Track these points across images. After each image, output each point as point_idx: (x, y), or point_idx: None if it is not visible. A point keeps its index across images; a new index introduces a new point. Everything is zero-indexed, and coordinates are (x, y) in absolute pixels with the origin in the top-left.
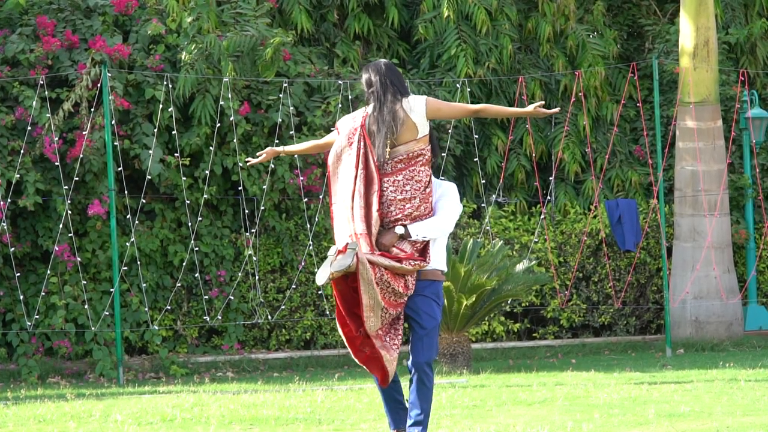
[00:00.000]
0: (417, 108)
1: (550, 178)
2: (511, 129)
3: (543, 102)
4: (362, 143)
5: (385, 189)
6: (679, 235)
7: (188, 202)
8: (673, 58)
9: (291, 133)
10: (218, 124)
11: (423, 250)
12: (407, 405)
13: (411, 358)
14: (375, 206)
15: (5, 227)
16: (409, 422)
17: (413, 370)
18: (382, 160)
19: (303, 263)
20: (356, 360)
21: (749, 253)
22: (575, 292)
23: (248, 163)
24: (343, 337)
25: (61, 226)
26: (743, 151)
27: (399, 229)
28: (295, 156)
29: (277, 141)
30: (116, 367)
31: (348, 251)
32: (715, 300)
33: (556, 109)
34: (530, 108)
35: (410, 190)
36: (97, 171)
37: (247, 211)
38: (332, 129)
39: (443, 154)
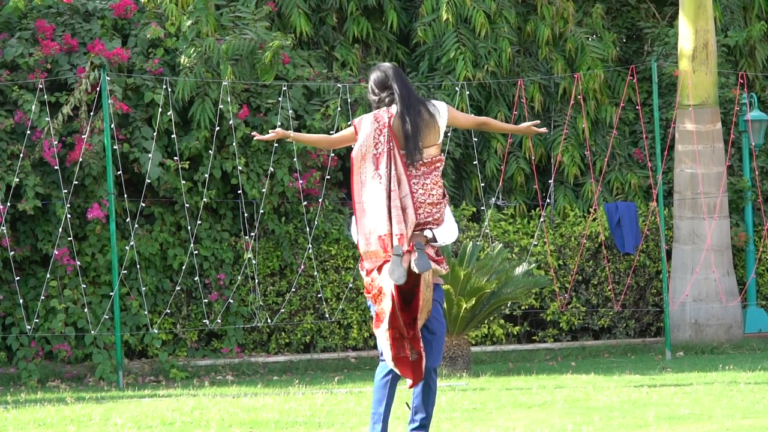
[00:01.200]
0: (442, 113)
1: (550, 181)
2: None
3: (538, 122)
4: (391, 144)
5: (415, 191)
6: (679, 237)
7: (188, 205)
8: (672, 61)
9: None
10: (217, 128)
11: (437, 254)
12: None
13: None
14: (411, 209)
15: (5, 231)
16: (413, 425)
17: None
18: (417, 160)
19: (302, 266)
20: (394, 365)
21: (749, 256)
22: (575, 295)
23: (255, 138)
24: (387, 340)
25: (60, 229)
26: (742, 153)
27: (428, 233)
28: (295, 159)
29: (276, 144)
30: (116, 371)
31: (420, 252)
32: (714, 303)
33: (544, 130)
34: (524, 126)
35: (436, 194)
36: (97, 175)
37: (246, 215)
38: (330, 132)
39: (442, 156)
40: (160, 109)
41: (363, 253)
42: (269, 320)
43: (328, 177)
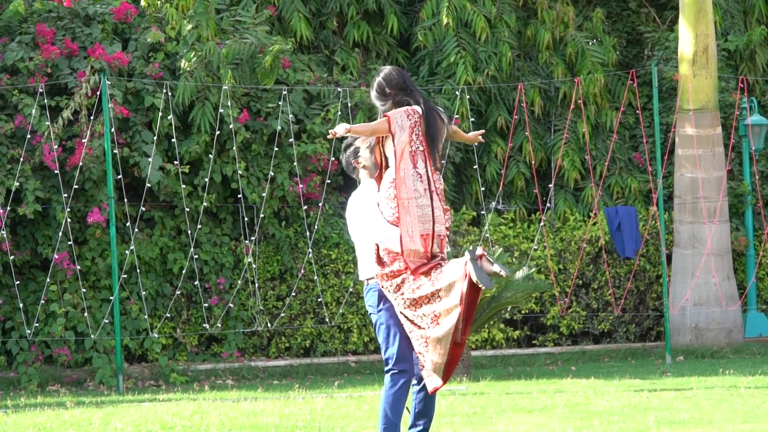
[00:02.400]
0: (449, 123)
1: (550, 186)
2: (511, 136)
3: (483, 132)
4: (424, 144)
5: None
6: (679, 242)
7: (188, 209)
8: (672, 65)
9: (290, 140)
10: (218, 132)
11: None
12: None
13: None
14: (441, 210)
15: (5, 235)
16: (417, 429)
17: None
18: (438, 164)
19: (302, 271)
20: (437, 372)
21: (749, 260)
22: (575, 300)
23: (329, 137)
24: (449, 345)
25: (60, 234)
26: (743, 158)
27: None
28: (295, 164)
29: (276, 149)
30: (116, 375)
31: (485, 259)
32: (714, 307)
33: (482, 132)
34: (471, 135)
35: (443, 199)
36: (97, 179)
37: (246, 219)
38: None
39: (443, 161)
40: (160, 113)
41: (403, 251)
42: (269, 324)
43: (329, 181)
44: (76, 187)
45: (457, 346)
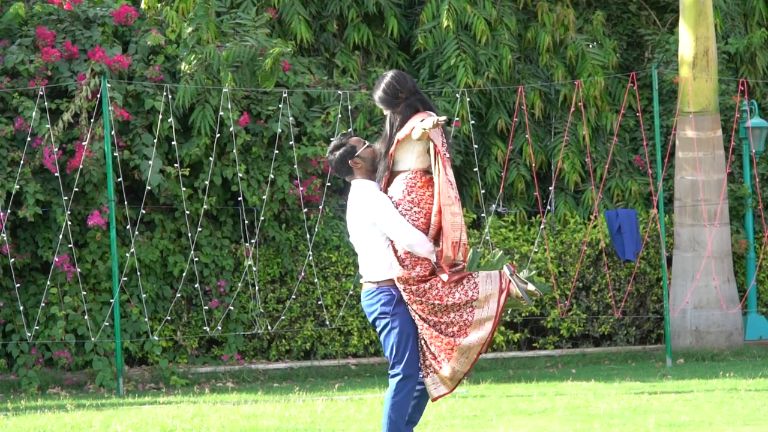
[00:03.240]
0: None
1: (550, 188)
2: (511, 139)
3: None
4: (448, 151)
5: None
6: (679, 244)
7: (188, 212)
8: (672, 68)
9: (291, 143)
10: (218, 135)
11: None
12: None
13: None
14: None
15: (5, 238)
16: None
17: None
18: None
19: (303, 273)
20: (453, 381)
21: (749, 263)
22: (575, 302)
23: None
24: (475, 355)
25: (60, 236)
26: (743, 160)
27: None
28: (295, 166)
29: (276, 152)
30: (116, 378)
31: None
32: (715, 310)
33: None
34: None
35: None
36: (97, 182)
37: (246, 222)
38: (331, 138)
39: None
40: (160, 116)
41: (443, 258)
42: (269, 327)
43: (329, 184)
44: (77, 189)
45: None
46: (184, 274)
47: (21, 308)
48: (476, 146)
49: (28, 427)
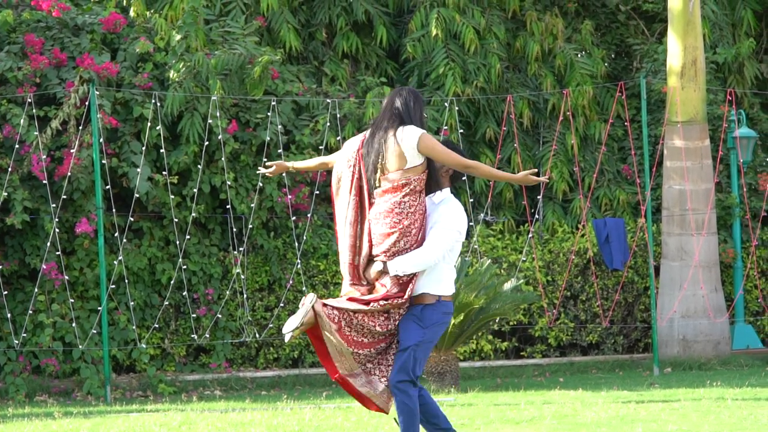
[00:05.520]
0: (408, 139)
1: (538, 197)
2: (499, 148)
3: (536, 170)
4: (357, 168)
5: (370, 220)
6: (667, 254)
7: (176, 220)
8: (660, 78)
9: (279, 151)
10: (206, 143)
11: (406, 283)
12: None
13: None
14: (365, 237)
15: None
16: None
17: (392, 391)
18: (372, 186)
19: (291, 282)
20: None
21: (736, 272)
22: (563, 311)
23: (259, 172)
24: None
25: (48, 244)
26: (731, 170)
27: (377, 265)
28: (284, 174)
29: (265, 159)
30: (104, 386)
31: (301, 309)
32: (702, 319)
33: (545, 178)
34: (521, 175)
35: (389, 222)
36: (85, 189)
37: (235, 230)
38: (320, 147)
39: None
40: (149, 124)
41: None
42: (257, 335)
43: (317, 192)
44: (65, 197)
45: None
46: (172, 282)
47: (8, 315)
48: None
49: None
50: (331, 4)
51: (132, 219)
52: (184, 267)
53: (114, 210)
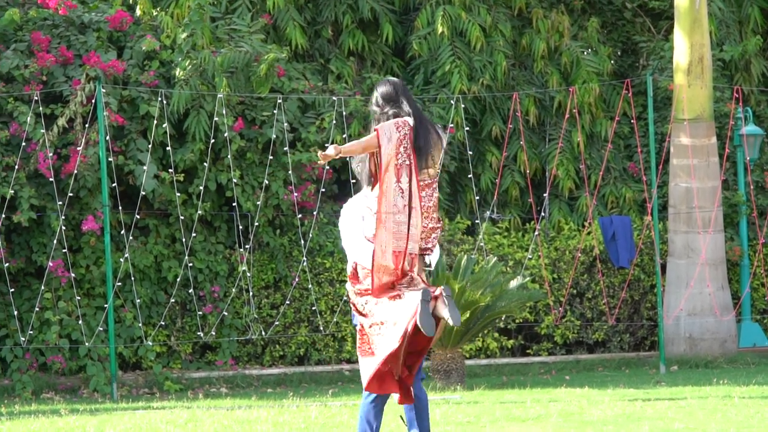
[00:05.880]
0: (443, 137)
1: (544, 195)
2: (505, 145)
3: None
4: (411, 157)
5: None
6: (673, 251)
7: (182, 218)
8: (667, 75)
9: (285, 149)
10: (212, 140)
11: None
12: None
13: None
14: (419, 228)
15: None
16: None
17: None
18: (424, 179)
19: (297, 279)
20: (375, 381)
21: (743, 270)
22: (569, 309)
23: (318, 162)
24: (374, 367)
25: (55, 241)
26: (737, 168)
27: (428, 259)
28: (290, 172)
29: (271, 157)
30: (110, 383)
31: (451, 302)
32: (709, 317)
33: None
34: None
35: (436, 217)
36: (92, 187)
37: (241, 227)
38: (326, 144)
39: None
40: (155, 122)
41: (374, 266)
42: (263, 333)
43: (323, 190)
44: (71, 194)
45: (406, 377)
46: (178, 280)
47: (15, 313)
48: (471, 153)
49: (21, 431)
50: (337, 2)
51: (138, 216)
52: (190, 264)
53: (120, 207)
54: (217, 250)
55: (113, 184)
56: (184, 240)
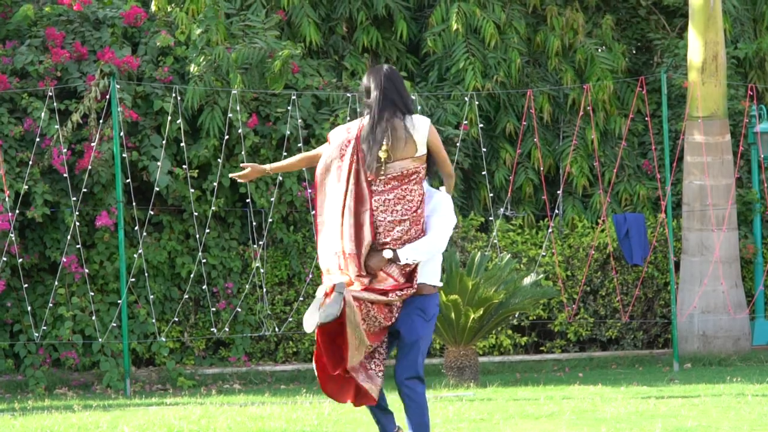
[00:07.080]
0: (421, 128)
1: (558, 192)
2: (519, 142)
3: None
4: (355, 157)
5: (375, 208)
6: (687, 249)
7: (196, 214)
8: (681, 73)
9: (299, 145)
10: (226, 137)
11: (411, 272)
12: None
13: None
14: (367, 226)
15: (13, 238)
16: None
17: (398, 388)
18: (371, 172)
19: (310, 276)
20: (326, 393)
21: (757, 268)
22: (582, 306)
23: (231, 176)
24: (317, 371)
25: (68, 237)
26: (751, 165)
27: (387, 253)
28: (304, 168)
29: (285, 153)
30: (123, 379)
31: (334, 296)
32: (722, 314)
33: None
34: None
35: (401, 210)
36: (105, 182)
37: (254, 224)
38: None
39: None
40: (169, 118)
41: (322, 269)
42: (277, 329)
43: None
44: (85, 190)
45: (345, 381)
46: (191, 276)
47: (29, 308)
48: (485, 150)
49: (35, 427)
50: None
51: (152, 212)
52: (204, 261)
53: (134, 203)
54: (230, 246)
55: (127, 180)
56: (197, 236)
